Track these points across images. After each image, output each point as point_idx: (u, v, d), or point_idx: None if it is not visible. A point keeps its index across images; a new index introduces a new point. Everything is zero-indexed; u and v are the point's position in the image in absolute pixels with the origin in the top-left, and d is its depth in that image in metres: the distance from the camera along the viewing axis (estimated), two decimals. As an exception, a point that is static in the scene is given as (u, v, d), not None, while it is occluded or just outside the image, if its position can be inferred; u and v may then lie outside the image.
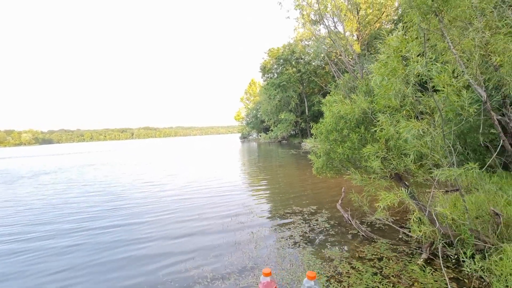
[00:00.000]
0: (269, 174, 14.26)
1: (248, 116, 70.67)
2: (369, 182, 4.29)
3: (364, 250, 4.69)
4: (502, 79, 3.96)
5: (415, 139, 3.13)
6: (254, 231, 5.90)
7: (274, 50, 37.54)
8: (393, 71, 3.03)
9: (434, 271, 3.87)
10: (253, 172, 15.26)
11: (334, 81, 19.43)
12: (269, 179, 12.75)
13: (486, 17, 4.27)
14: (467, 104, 3.27)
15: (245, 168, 17.07)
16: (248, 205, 8.03)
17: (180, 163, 22.00)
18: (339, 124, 4.78)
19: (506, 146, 3.83)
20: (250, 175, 14.27)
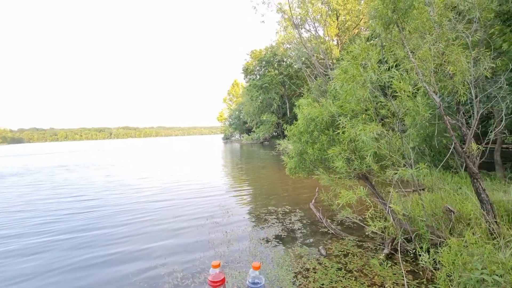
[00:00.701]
0: (249, 175, 14.36)
1: (230, 117, 70.50)
2: (335, 181, 4.50)
3: (332, 247, 4.90)
4: (455, 87, 4.30)
5: (372, 141, 3.35)
6: (228, 231, 5.96)
7: (256, 52, 37.82)
8: (353, 77, 3.23)
9: (394, 265, 4.13)
10: (233, 173, 15.31)
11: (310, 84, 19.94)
12: (249, 180, 12.86)
13: (442, 29, 4.62)
14: (421, 109, 3.54)
15: (226, 169, 17.08)
16: (225, 205, 8.07)
17: (160, 164, 21.56)
18: (310, 126, 4.97)
19: (457, 148, 4.17)
20: (230, 176, 14.31)
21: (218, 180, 12.91)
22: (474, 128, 4.19)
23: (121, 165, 21.42)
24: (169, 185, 11.89)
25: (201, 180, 13.03)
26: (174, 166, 19.44)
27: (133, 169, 18.06)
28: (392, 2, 3.96)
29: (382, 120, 4.45)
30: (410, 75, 4.17)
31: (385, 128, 4.28)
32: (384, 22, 4.05)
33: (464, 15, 4.88)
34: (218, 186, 11.27)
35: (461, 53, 4.20)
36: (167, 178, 13.79)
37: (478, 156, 4.23)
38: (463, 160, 4.30)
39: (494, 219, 4.01)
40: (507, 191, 5.66)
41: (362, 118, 3.54)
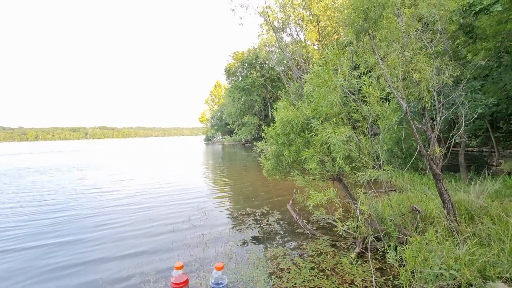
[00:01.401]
0: (230, 177, 14.31)
1: (212, 118, 69.91)
2: (310, 183, 4.62)
3: (306, 247, 5.01)
4: (421, 93, 4.57)
5: (342, 144, 3.49)
6: (205, 233, 5.91)
7: (238, 54, 37.86)
8: (324, 82, 3.36)
9: (364, 263, 4.29)
10: (214, 176, 15.19)
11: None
12: (229, 181, 12.82)
13: (410, 39, 4.90)
14: (389, 114, 3.73)
15: (207, 171, 16.90)
16: (203, 208, 7.99)
17: (137, 166, 20.92)
18: (286, 129, 5.06)
19: (422, 151, 4.43)
20: (211, 179, 14.18)
21: (198, 182, 12.75)
22: (437, 132, 4.47)
23: (96, 166, 20.55)
24: (146, 188, 11.58)
25: (180, 182, 12.81)
26: (152, 168, 18.95)
27: (108, 171, 17.38)
28: (363, 11, 4.15)
29: (355, 123, 4.63)
30: (380, 81, 4.38)
31: (357, 131, 4.47)
32: (356, 30, 4.22)
33: (430, 26, 5.21)
34: (197, 188, 11.13)
35: (426, 62, 4.48)
36: (145, 181, 13.42)
37: (441, 158, 4.52)
38: (427, 162, 4.57)
39: (455, 218, 4.30)
40: (468, 191, 6.06)
41: (334, 121, 3.68)
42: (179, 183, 12.34)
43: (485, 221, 4.29)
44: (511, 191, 6.39)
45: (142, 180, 13.66)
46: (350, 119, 4.45)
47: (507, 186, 6.85)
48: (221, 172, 16.24)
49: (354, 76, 3.40)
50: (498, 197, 6.06)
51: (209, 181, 13.11)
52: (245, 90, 35.27)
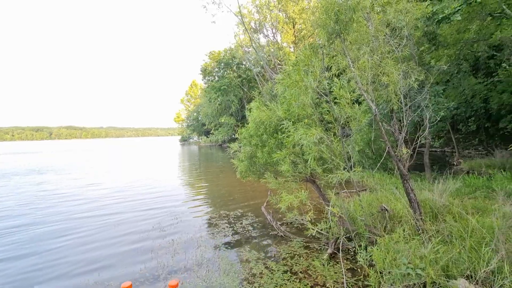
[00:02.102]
0: (204, 179, 13.97)
1: (188, 119, 68.34)
2: (282, 185, 4.56)
3: (280, 250, 4.94)
4: (389, 96, 4.70)
5: (314, 146, 3.46)
6: (176, 239, 5.64)
7: (215, 53, 37.34)
8: (295, 83, 3.31)
9: (336, 264, 4.31)
10: (189, 178, 14.75)
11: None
12: (203, 184, 12.50)
13: (378, 43, 5.03)
14: (359, 115, 3.76)
15: (181, 173, 16.37)
16: (175, 212, 7.66)
17: (106, 169, 19.79)
18: (259, 130, 4.96)
19: (390, 152, 4.55)
20: (185, 181, 13.74)
21: (170, 185, 12.28)
22: (404, 134, 4.61)
23: (59, 169, 19.12)
24: (113, 192, 10.92)
25: (151, 185, 12.26)
26: (122, 171, 18.00)
27: (72, 175, 16.22)
28: (335, 14, 4.17)
29: (327, 125, 4.65)
30: (351, 83, 4.43)
31: (329, 133, 4.48)
32: (328, 32, 4.23)
33: (397, 32, 5.40)
34: (169, 192, 10.70)
35: (393, 65, 4.61)
36: (112, 185, 12.67)
37: (407, 159, 4.67)
38: (395, 163, 4.70)
39: (420, 217, 4.45)
40: (432, 190, 6.37)
41: (305, 122, 3.64)
42: (150, 187, 11.79)
43: (447, 219, 4.49)
44: (470, 189, 6.82)
45: (109, 184, 12.89)
46: (322, 120, 4.45)
47: (467, 184, 7.31)
48: (196, 174, 15.83)
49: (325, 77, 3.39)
50: (459, 195, 6.44)
51: (183, 184, 12.69)
52: (222, 90, 34.84)
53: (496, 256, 2.98)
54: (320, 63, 3.41)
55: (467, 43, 10.18)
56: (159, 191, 10.75)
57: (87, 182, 13.46)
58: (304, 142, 3.33)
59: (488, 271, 2.95)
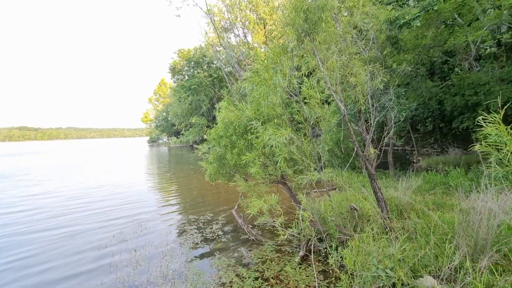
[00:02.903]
0: (172, 181, 13.36)
1: (157, 119, 65.61)
2: (252, 188, 4.39)
3: (251, 255, 4.76)
4: (356, 96, 4.75)
5: (283, 146, 3.34)
6: (138, 248, 5.20)
7: (184, 52, 36.19)
8: (264, 81, 3.16)
9: (308, 267, 4.23)
10: (154, 181, 13.99)
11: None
12: (171, 187, 11.92)
13: (346, 43, 5.07)
14: (328, 115, 3.71)
15: (147, 176, 15.50)
16: (139, 219, 7.14)
17: (61, 174, 18.13)
18: (228, 130, 4.74)
19: (358, 152, 4.61)
20: (150, 184, 12.99)
21: (134, 190, 11.52)
22: (371, 134, 4.69)
23: (1, 176, 17.09)
24: (69, 200, 9.95)
25: (113, 191, 11.39)
26: (79, 176, 16.61)
27: (24, 182, 14.59)
28: (303, 12, 4.10)
29: (297, 125, 4.57)
30: (320, 83, 4.39)
31: (299, 133, 4.40)
32: (297, 30, 4.14)
33: (364, 34, 5.50)
34: (133, 197, 10.01)
35: (360, 66, 4.66)
36: (68, 192, 11.57)
37: (375, 159, 4.76)
38: (363, 162, 4.77)
39: (387, 215, 4.55)
40: (396, 188, 6.64)
41: (275, 122, 3.51)
42: (111, 193, 10.91)
43: (411, 216, 4.65)
44: (430, 186, 7.24)
45: (62, 191, 11.75)
46: (292, 120, 4.36)
47: (427, 181, 7.76)
48: (164, 176, 15.09)
49: (294, 76, 3.28)
50: (420, 192, 6.78)
51: (150, 188, 11.98)
52: (192, 89, 33.86)
53: (458, 252, 3.08)
54: (289, 61, 3.29)
55: (424, 48, 10.89)
56: (122, 197, 9.99)
57: (36, 190, 12.12)
58: (273, 143, 3.19)
59: (452, 268, 3.04)
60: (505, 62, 9.30)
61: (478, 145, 2.81)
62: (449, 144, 15.50)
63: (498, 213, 3.26)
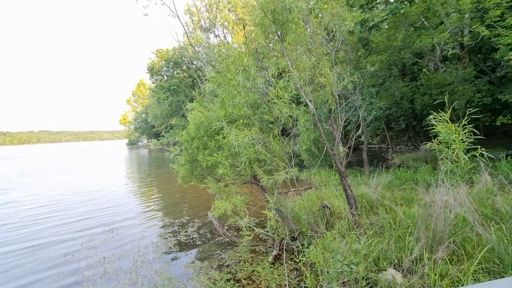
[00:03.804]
0: (149, 185, 13.01)
1: (136, 120, 63.72)
2: (223, 189, 4.36)
3: (225, 257, 4.72)
4: (325, 96, 4.85)
5: (249, 147, 3.34)
6: (107, 255, 5.01)
7: (163, 51, 35.40)
8: (228, 81, 3.15)
9: (280, 266, 4.25)
10: (129, 184, 13.56)
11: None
12: (147, 189, 11.61)
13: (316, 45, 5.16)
14: (296, 115, 3.75)
15: (122, 180, 14.99)
16: (110, 223, 6.88)
17: (31, 180, 17.14)
18: (199, 131, 4.67)
19: (328, 150, 4.71)
20: (124, 188, 12.56)
21: (106, 194, 11.09)
22: (339, 133, 4.80)
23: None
24: (34, 208, 9.42)
25: (84, 195, 10.92)
26: (52, 182, 15.78)
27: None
28: (271, 13, 4.12)
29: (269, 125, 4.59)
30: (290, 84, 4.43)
31: (270, 133, 4.42)
32: (265, 30, 4.16)
33: (332, 35, 5.63)
34: (105, 201, 9.64)
35: (329, 67, 4.76)
36: (39, 200, 10.96)
37: (344, 157, 4.88)
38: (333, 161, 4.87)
39: (357, 212, 4.68)
40: (368, 184, 6.85)
41: (242, 123, 3.50)
42: (85, 199, 10.45)
43: (380, 211, 4.80)
44: (400, 181, 7.53)
45: (35, 198, 11.11)
46: (263, 121, 4.37)
47: (398, 177, 8.07)
48: (140, 180, 14.67)
49: (261, 77, 3.29)
50: (390, 188, 7.04)
51: (124, 192, 11.58)
52: (171, 90, 33.19)
53: (418, 244, 3.22)
54: (255, 61, 3.29)
55: (395, 50, 11.35)
56: (95, 204, 9.57)
57: (2, 199, 11.39)
58: (235, 144, 3.18)
59: (412, 259, 3.17)
60: (467, 63, 9.89)
61: (429, 143, 2.95)
62: (421, 142, 16.25)
63: (454, 205, 3.44)
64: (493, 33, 7.23)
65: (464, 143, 2.54)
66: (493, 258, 2.95)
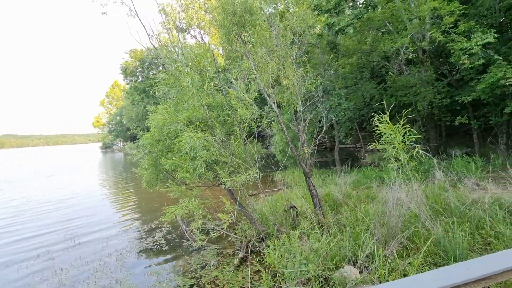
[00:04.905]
0: (117, 188, 12.51)
1: (110, 123, 61.16)
2: (184, 193, 4.28)
3: (191, 262, 4.63)
4: (290, 98, 4.92)
5: (203, 150, 3.30)
6: (65, 266, 4.73)
7: (137, 52, 34.29)
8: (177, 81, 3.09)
9: (245, 268, 4.24)
10: (98, 189, 12.98)
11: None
12: (116, 195, 11.16)
13: (281, 47, 5.21)
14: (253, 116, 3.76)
15: (93, 187, 14.30)
16: (73, 233, 6.51)
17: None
18: (162, 134, 4.55)
19: (293, 151, 4.78)
20: (93, 194, 11.99)
21: (72, 202, 10.53)
22: (304, 134, 4.88)
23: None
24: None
25: (44, 205, 10.29)
26: (12, 191, 14.71)
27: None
28: (232, 13, 4.11)
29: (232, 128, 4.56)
30: (252, 86, 4.44)
31: (235, 135, 4.40)
32: (226, 32, 4.15)
33: (298, 38, 5.73)
34: (68, 209, 9.14)
35: (292, 69, 4.83)
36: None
37: (309, 157, 4.97)
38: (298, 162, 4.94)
39: (321, 211, 4.78)
40: (337, 183, 7.04)
41: (197, 125, 3.45)
42: (46, 206, 9.86)
43: (343, 210, 4.94)
44: (367, 180, 7.80)
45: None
46: (227, 123, 4.34)
47: (366, 176, 8.36)
48: (110, 186, 14.08)
49: (217, 78, 3.26)
50: (358, 186, 7.27)
51: (93, 199, 11.05)
52: (146, 92, 32.21)
53: (372, 240, 3.34)
54: (212, 63, 3.26)
55: (364, 53, 11.80)
56: (57, 215, 9.05)
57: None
58: (187, 147, 3.13)
59: (367, 255, 3.28)
60: (429, 66, 10.48)
61: (373, 144, 3.07)
62: (391, 141, 16.99)
63: (405, 202, 3.61)
64: (448, 38, 7.72)
65: (405, 142, 2.67)
66: (439, 251, 3.12)
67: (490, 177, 6.06)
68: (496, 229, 3.40)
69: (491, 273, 1.21)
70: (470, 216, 3.74)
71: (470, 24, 7.47)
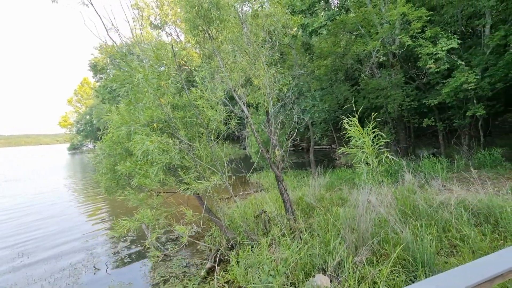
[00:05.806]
0: (84, 194, 11.65)
1: (79, 122, 57.57)
2: (144, 200, 3.92)
3: (154, 274, 4.26)
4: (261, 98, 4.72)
5: (160, 154, 3.01)
6: (8, 285, 4.16)
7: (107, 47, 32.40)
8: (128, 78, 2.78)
9: (212, 280, 3.96)
10: (58, 196, 12.00)
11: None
12: (80, 203, 10.35)
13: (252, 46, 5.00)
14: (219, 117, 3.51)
15: (51, 195, 13.22)
16: (24, 249, 5.84)
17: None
18: (121, 137, 4.14)
19: (264, 154, 4.59)
20: (52, 202, 11.05)
21: (22, 213, 9.61)
22: (276, 137, 4.71)
23: None
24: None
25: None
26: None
27: None
28: (198, 7, 3.84)
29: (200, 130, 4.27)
30: (221, 86, 4.19)
31: (201, 138, 4.12)
32: (192, 27, 3.86)
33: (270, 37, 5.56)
34: (16, 223, 8.30)
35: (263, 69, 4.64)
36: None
37: (281, 161, 4.80)
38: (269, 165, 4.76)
39: (292, 216, 4.62)
40: (311, 185, 6.96)
41: (153, 128, 3.14)
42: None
43: (315, 213, 4.83)
44: (340, 181, 7.83)
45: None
46: (193, 124, 4.04)
47: (339, 177, 8.41)
48: (78, 189, 13.10)
49: (178, 75, 2.97)
50: (331, 188, 7.25)
51: (55, 205, 10.16)
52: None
53: (342, 247, 3.21)
54: (172, 59, 2.97)
55: (338, 55, 11.96)
56: (9, 222, 8.18)
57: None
58: (138, 152, 2.82)
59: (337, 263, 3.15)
60: (398, 70, 10.84)
61: (343, 148, 2.96)
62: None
63: (375, 205, 3.55)
64: (416, 43, 7.98)
65: (374, 147, 2.57)
66: (407, 257, 3.06)
67: (454, 177, 6.30)
68: (461, 232, 3.43)
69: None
70: (437, 218, 3.76)
71: (436, 30, 7.77)
